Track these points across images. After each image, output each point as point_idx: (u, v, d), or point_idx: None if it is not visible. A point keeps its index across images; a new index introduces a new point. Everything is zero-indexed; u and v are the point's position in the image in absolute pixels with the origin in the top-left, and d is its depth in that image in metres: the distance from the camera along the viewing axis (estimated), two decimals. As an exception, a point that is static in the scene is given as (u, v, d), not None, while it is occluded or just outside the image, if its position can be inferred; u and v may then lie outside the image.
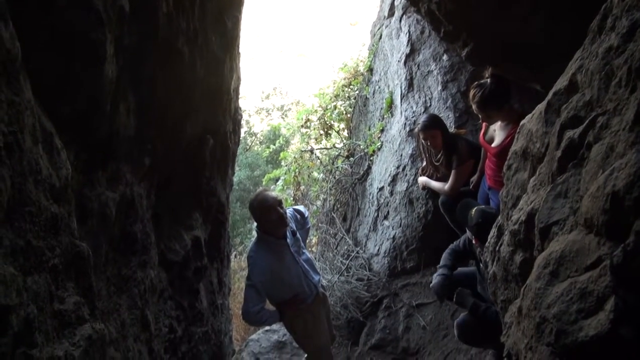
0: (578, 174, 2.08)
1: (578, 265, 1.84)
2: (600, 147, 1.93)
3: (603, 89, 2.07)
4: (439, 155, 5.47)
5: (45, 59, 2.14)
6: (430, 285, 4.65)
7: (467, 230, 4.44)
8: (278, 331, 6.82)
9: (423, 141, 5.51)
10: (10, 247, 1.69)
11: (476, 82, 4.44)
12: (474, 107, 4.48)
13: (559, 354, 1.79)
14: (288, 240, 4.60)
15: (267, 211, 4.41)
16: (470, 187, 5.25)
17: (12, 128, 1.66)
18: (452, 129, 5.68)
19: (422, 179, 5.82)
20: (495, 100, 4.29)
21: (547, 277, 1.96)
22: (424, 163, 5.83)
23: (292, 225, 4.74)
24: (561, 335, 1.77)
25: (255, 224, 4.82)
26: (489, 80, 4.29)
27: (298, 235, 4.80)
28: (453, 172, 5.24)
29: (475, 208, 4.22)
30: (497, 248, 2.97)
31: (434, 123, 5.32)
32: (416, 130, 5.65)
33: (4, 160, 1.59)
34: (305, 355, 5.42)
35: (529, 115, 2.94)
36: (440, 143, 5.32)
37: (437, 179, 5.66)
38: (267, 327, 6.79)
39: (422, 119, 5.51)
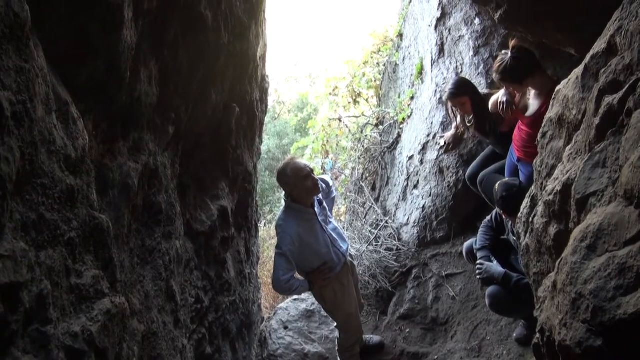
0: (617, 142, 1.98)
1: (617, 239, 1.75)
2: (641, 113, 1.83)
3: (645, 51, 1.97)
4: (470, 117, 5.31)
5: (59, 24, 2.06)
6: (488, 293, 4.56)
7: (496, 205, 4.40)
8: (306, 300, 6.84)
9: (452, 108, 5.39)
10: (21, 221, 1.64)
11: (500, 53, 4.34)
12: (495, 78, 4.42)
13: (595, 331, 1.71)
14: (316, 209, 4.60)
15: (302, 179, 4.42)
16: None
17: (21, 96, 1.59)
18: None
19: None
20: (514, 74, 4.20)
21: (583, 251, 1.88)
22: (458, 121, 5.62)
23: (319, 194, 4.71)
24: (598, 313, 1.70)
25: (283, 192, 4.81)
26: (509, 52, 4.18)
27: (325, 204, 4.80)
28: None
29: (499, 182, 4.16)
30: (530, 219, 2.89)
31: (460, 90, 5.12)
32: (444, 98, 5.51)
33: (11, 130, 1.53)
34: (335, 324, 5.44)
35: (565, 81, 2.82)
36: (470, 108, 5.16)
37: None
38: (295, 296, 6.82)
39: (449, 85, 5.34)
